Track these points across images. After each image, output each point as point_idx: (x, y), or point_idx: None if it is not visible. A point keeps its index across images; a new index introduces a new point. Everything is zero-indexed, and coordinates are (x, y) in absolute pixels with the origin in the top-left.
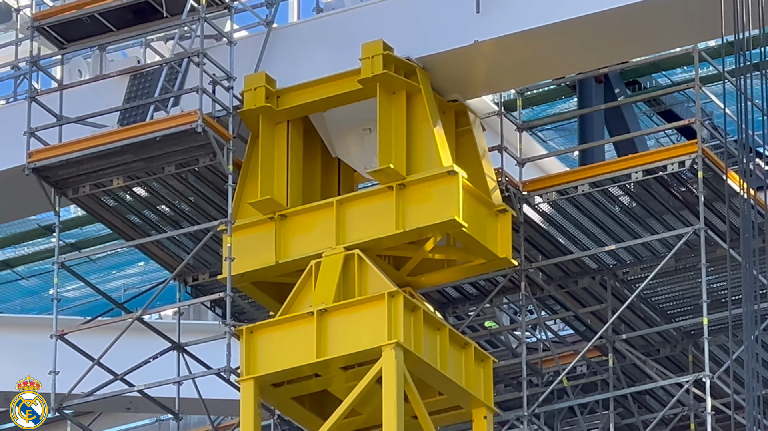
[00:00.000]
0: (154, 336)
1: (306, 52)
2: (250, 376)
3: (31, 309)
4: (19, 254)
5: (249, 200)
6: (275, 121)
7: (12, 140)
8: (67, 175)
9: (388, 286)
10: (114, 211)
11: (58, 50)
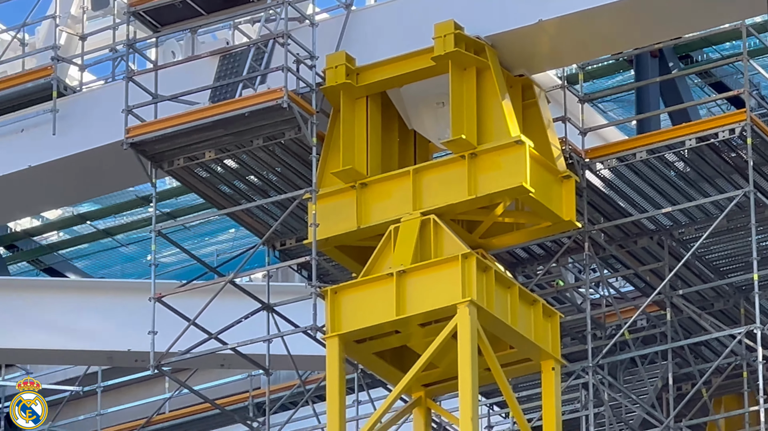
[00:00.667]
0: (245, 297)
1: (382, 33)
2: (335, 333)
3: (131, 274)
4: (118, 223)
5: (332, 170)
6: (355, 97)
7: (111, 117)
8: (163, 149)
9: (461, 248)
10: (206, 181)
11: (152, 33)
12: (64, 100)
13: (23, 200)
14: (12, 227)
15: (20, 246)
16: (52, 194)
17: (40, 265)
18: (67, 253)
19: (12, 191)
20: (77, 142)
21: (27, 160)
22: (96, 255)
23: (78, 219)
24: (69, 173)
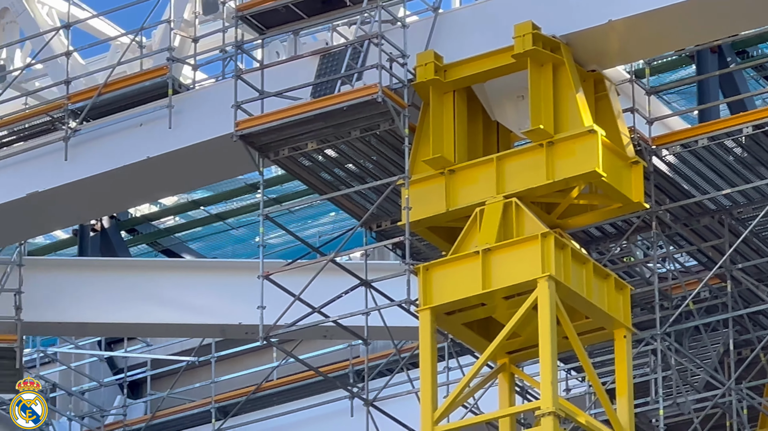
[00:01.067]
0: (345, 274)
1: (467, 33)
2: (427, 306)
3: (241, 254)
4: (229, 208)
5: (423, 158)
6: (443, 91)
7: (221, 112)
8: (269, 140)
9: (541, 228)
10: (309, 169)
11: (258, 36)
12: (178, 97)
13: (142, 188)
14: (132, 213)
15: (140, 230)
16: (169, 182)
17: (158, 247)
18: (182, 236)
19: (132, 180)
20: (191, 135)
21: (145, 151)
22: (209, 237)
23: (192, 205)
24: (184, 163)
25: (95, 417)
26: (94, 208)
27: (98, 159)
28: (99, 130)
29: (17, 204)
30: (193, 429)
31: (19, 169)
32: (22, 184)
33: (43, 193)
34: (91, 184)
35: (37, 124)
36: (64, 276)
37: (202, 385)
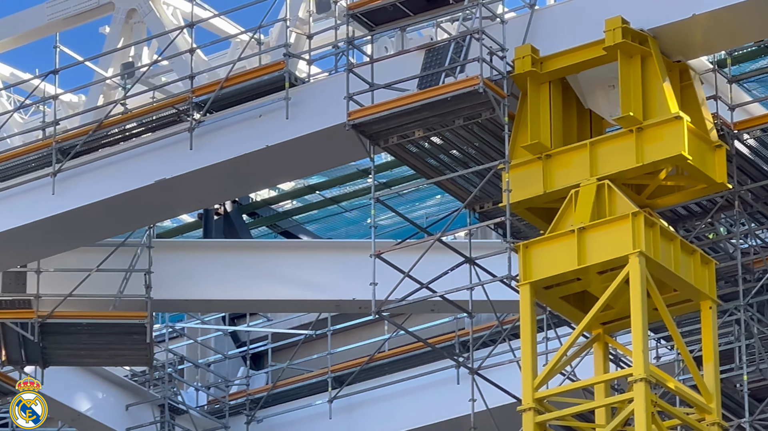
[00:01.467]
0: (450, 252)
1: (561, 27)
2: (527, 281)
3: (354, 235)
4: (342, 192)
5: (521, 144)
6: (539, 82)
7: (334, 103)
8: (379, 129)
9: (631, 208)
10: (416, 156)
11: (368, 32)
12: (294, 90)
13: (262, 174)
14: (253, 197)
15: (260, 213)
16: (286, 169)
17: (277, 229)
18: (299, 218)
19: (252, 167)
20: (306, 125)
21: (265, 140)
22: (324, 219)
23: (308, 190)
24: (300, 151)
25: (220, 387)
26: (218, 194)
27: (221, 148)
28: (221, 121)
29: (146, 190)
30: (311, 397)
31: (148, 158)
32: (150, 171)
33: (170, 180)
34: (215, 171)
35: (163, 116)
36: (190, 256)
37: (319, 356)
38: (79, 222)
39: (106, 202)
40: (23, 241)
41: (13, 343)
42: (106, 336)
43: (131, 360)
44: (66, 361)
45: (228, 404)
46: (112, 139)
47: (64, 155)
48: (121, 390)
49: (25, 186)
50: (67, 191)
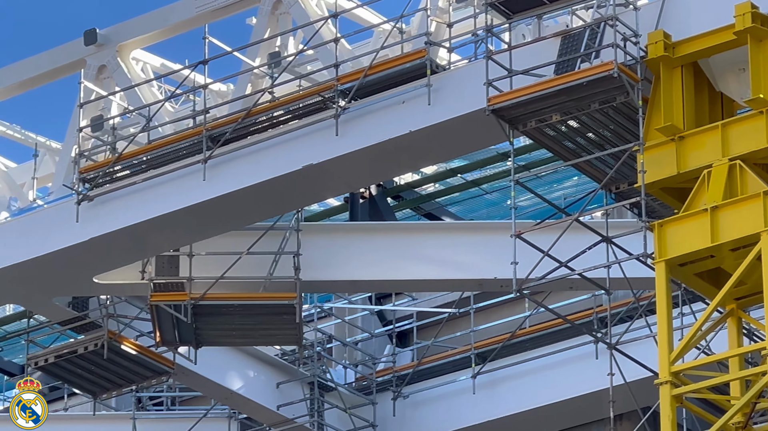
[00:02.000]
0: (587, 232)
1: (693, 13)
2: (662, 259)
3: (494, 216)
4: (483, 175)
5: (655, 126)
6: (672, 66)
7: (474, 90)
8: (518, 113)
9: (763, 186)
10: (553, 139)
11: (506, 20)
12: (436, 77)
13: (406, 159)
14: (397, 181)
15: (404, 196)
16: (429, 153)
17: (420, 211)
18: (442, 201)
19: (396, 152)
20: (448, 110)
21: (408, 126)
22: (466, 201)
23: (450, 173)
24: (442, 136)
25: (367, 364)
26: (363, 178)
27: (365, 133)
28: (365, 108)
29: (294, 175)
30: (455, 373)
31: (295, 144)
32: (298, 157)
33: (316, 166)
34: (360, 156)
35: (310, 104)
36: (337, 239)
37: (462, 334)
38: (230, 207)
39: (256, 187)
40: (176, 226)
41: (167, 325)
42: (257, 316)
43: (281, 340)
44: (218, 341)
45: (375, 381)
46: (260, 126)
47: (214, 142)
48: (272, 368)
49: (177, 173)
50: (218, 177)
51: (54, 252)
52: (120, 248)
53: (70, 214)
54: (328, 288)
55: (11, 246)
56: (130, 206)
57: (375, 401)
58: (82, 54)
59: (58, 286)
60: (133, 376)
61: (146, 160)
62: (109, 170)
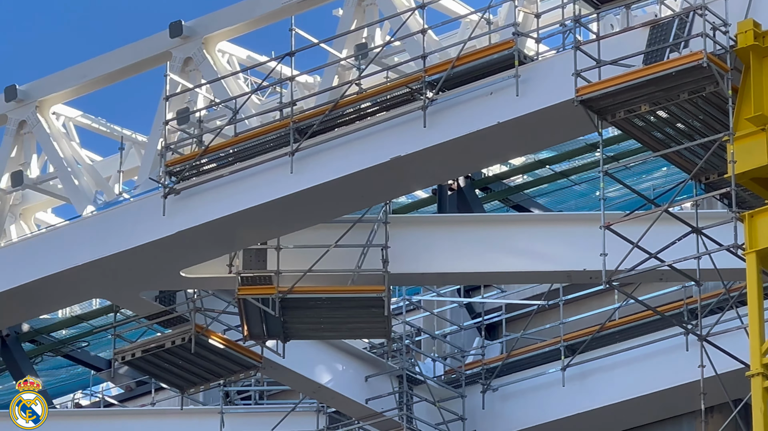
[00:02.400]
0: (677, 223)
1: None
2: (753, 250)
3: (583, 208)
4: (572, 166)
5: (745, 116)
6: (762, 56)
7: (563, 80)
8: (606, 104)
9: None
10: (642, 129)
11: (594, 10)
12: (524, 68)
13: (494, 150)
14: (485, 172)
15: (492, 188)
16: (517, 144)
17: (508, 203)
18: (530, 192)
19: (484, 143)
20: (536, 101)
21: (496, 117)
22: (554, 193)
23: (539, 164)
24: (530, 127)
25: (456, 357)
26: (451, 170)
27: (453, 125)
28: (453, 99)
29: (382, 168)
30: (544, 365)
31: (382, 136)
32: (385, 149)
33: (404, 157)
34: (448, 147)
35: (397, 95)
36: (425, 231)
37: (551, 326)
38: (317, 200)
39: (343, 180)
40: (263, 219)
41: (255, 319)
42: (345, 310)
43: (370, 333)
44: (306, 335)
45: (464, 374)
46: (348, 118)
47: (301, 135)
48: (361, 362)
49: (264, 165)
50: (305, 170)
51: (141, 246)
52: (207, 241)
53: (157, 207)
54: (417, 281)
55: (98, 241)
56: (217, 199)
57: (464, 394)
58: (168, 46)
59: (145, 280)
60: (221, 370)
61: (233, 153)
62: (196, 163)
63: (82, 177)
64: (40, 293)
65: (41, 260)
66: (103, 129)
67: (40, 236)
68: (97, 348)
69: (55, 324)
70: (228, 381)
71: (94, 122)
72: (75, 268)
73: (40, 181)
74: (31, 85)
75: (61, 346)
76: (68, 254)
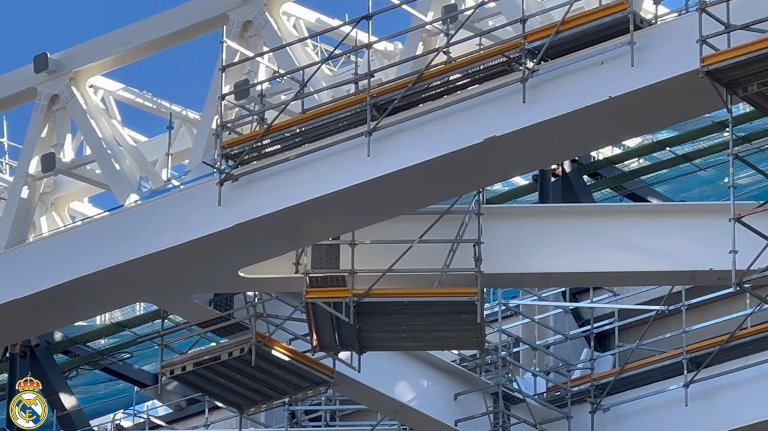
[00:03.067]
0: None
1: None
2: None
3: (709, 197)
4: (696, 148)
5: None
6: None
7: (686, 48)
8: (737, 75)
9: None
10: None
11: None
12: (640, 33)
13: (605, 130)
14: (595, 156)
15: (603, 174)
16: (632, 123)
17: (622, 191)
18: (647, 179)
19: (594, 121)
20: (654, 73)
21: (607, 91)
22: (675, 179)
23: (657, 146)
24: (647, 102)
25: (561, 371)
26: (555, 152)
27: (557, 100)
28: (557, 70)
29: (473, 150)
30: (664, 382)
31: (475, 113)
32: (478, 128)
33: (500, 138)
34: (551, 126)
35: (492, 65)
36: (524, 224)
37: (672, 335)
38: (398, 188)
39: (429, 164)
40: (335, 210)
41: (326, 326)
42: (431, 316)
43: (460, 343)
44: (385, 345)
45: (570, 391)
46: (434, 92)
47: (379, 111)
48: (449, 377)
49: (336, 147)
50: (384, 152)
51: (192, 242)
52: (270, 236)
53: (211, 196)
54: (515, 283)
55: (142, 235)
56: (281, 187)
57: (570, 415)
58: (225, 8)
59: (198, 282)
60: (286, 386)
61: (300, 133)
62: (257, 144)
63: (124, 160)
64: (75, 296)
65: (76, 258)
66: (148, 105)
67: (74, 230)
68: (141, 360)
69: (93, 332)
70: (294, 400)
71: (138, 97)
72: (115, 267)
73: (75, 165)
74: (65, 54)
75: (100, 358)
76: (108, 251)
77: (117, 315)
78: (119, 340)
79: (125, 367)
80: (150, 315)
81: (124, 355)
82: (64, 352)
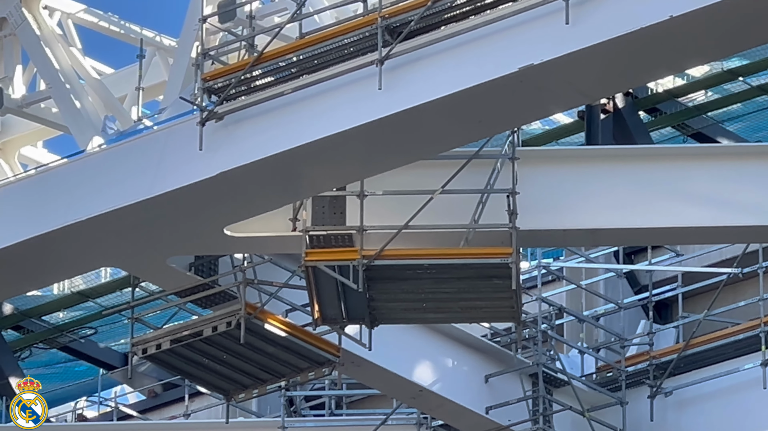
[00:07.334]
0: None
1: None
2: None
3: None
4: None
5: None
6: None
7: None
8: None
9: None
10: None
11: None
12: None
13: (664, 55)
14: (653, 88)
15: (663, 110)
16: (697, 47)
17: (686, 130)
18: (716, 115)
19: (651, 46)
20: None
21: (667, 9)
22: (750, 116)
23: (727, 76)
24: (716, 22)
25: (613, 347)
26: (604, 84)
27: (607, 21)
28: None
29: (507, 81)
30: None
31: (509, 36)
32: (512, 56)
33: (539, 66)
34: (601, 52)
35: None
36: (568, 170)
37: (746, 304)
38: (416, 127)
39: (452, 99)
40: (340, 154)
41: (330, 294)
42: (456, 281)
43: (491, 315)
44: (401, 317)
45: (625, 371)
46: (459, 11)
47: (393, 35)
48: (479, 355)
49: (341, 79)
50: (399, 85)
51: (168, 194)
52: (262, 187)
53: (191, 138)
54: (557, 241)
55: (108, 186)
56: (275, 127)
57: (624, 400)
58: None
59: (175, 242)
60: (282, 368)
61: (297, 62)
62: (246, 76)
63: (85, 97)
64: (27, 260)
65: (28, 213)
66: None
67: (26, 180)
68: (108, 337)
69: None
70: (292, 384)
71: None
72: (75, 225)
73: (26, 102)
74: None
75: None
76: (66, 205)
77: (78, 283)
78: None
79: (88, 345)
80: (118, 283)
81: (86, 331)
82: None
